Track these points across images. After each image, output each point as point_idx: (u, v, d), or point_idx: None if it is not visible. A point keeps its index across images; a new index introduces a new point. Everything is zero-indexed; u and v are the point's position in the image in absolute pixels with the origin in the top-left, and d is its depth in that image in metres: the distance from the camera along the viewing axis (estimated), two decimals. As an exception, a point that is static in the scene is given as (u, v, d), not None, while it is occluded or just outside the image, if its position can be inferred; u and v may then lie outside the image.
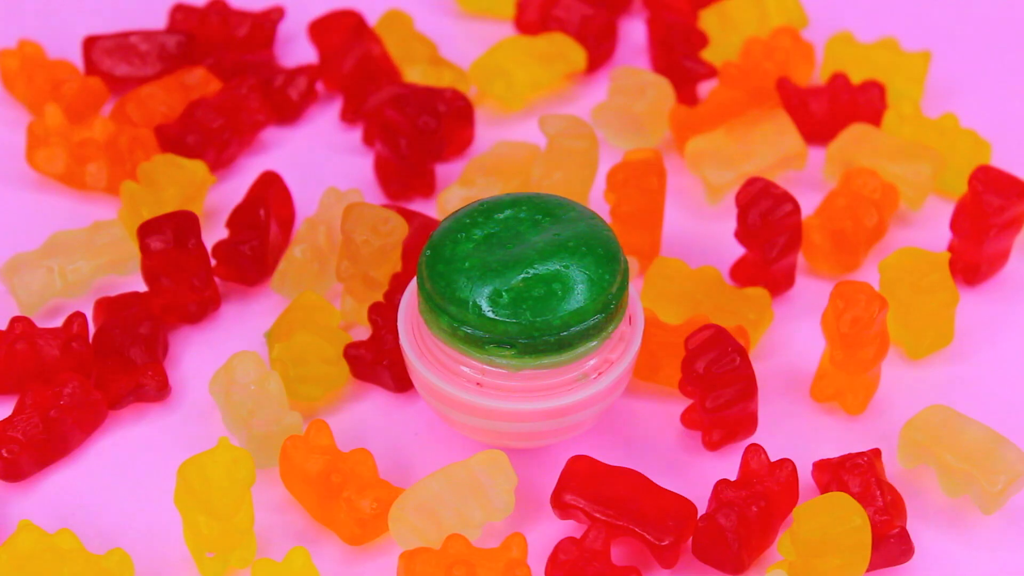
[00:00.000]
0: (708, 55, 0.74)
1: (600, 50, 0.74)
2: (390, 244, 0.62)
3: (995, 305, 0.66)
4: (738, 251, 0.66)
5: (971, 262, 0.65)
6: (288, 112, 0.72)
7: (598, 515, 0.55)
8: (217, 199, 0.69)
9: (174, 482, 0.54)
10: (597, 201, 0.67)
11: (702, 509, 0.57)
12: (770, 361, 0.63)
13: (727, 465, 0.59)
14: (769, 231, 0.63)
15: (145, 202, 0.65)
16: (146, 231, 0.62)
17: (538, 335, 0.55)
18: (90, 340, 0.62)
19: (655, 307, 0.63)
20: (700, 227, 0.68)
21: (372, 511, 0.56)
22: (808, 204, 0.67)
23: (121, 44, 0.72)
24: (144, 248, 0.62)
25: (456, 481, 0.56)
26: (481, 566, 0.54)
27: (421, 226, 0.64)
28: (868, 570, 0.55)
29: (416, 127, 0.68)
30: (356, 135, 0.71)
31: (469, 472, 0.56)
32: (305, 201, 0.68)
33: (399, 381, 0.61)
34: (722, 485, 0.56)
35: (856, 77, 0.72)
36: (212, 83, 0.71)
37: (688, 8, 0.76)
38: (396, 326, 0.58)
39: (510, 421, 0.56)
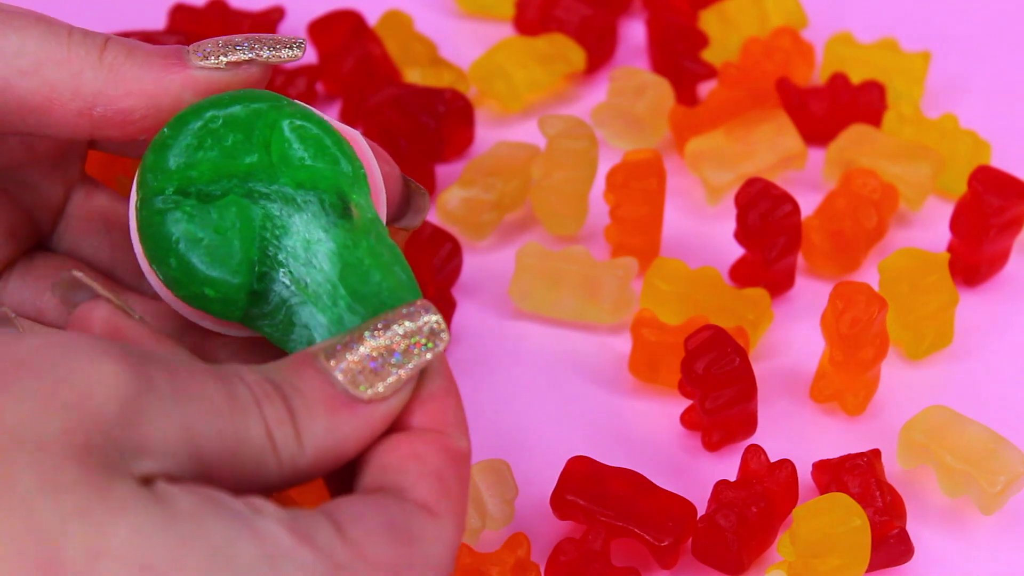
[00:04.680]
0: (708, 55, 0.74)
1: (600, 50, 0.74)
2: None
3: (995, 305, 0.66)
4: (738, 251, 0.66)
5: (971, 262, 0.65)
6: (288, 112, 0.72)
7: (598, 516, 0.55)
8: (217, 199, 0.69)
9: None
10: (597, 201, 0.67)
11: (702, 510, 0.57)
12: (770, 362, 0.63)
13: (727, 466, 0.59)
14: (769, 231, 0.63)
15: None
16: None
17: None
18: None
19: (655, 307, 0.63)
20: (700, 227, 0.68)
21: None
22: (808, 204, 0.67)
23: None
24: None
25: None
26: (491, 571, 0.54)
27: (430, 237, 0.64)
28: (868, 570, 0.55)
29: (416, 127, 0.68)
30: (356, 135, 0.72)
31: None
32: (305, 202, 0.68)
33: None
34: (722, 486, 0.56)
35: (856, 77, 0.72)
36: (212, 83, 0.71)
37: (688, 8, 0.76)
38: None
39: None
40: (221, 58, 0.49)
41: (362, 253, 0.48)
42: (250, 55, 0.49)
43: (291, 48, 0.50)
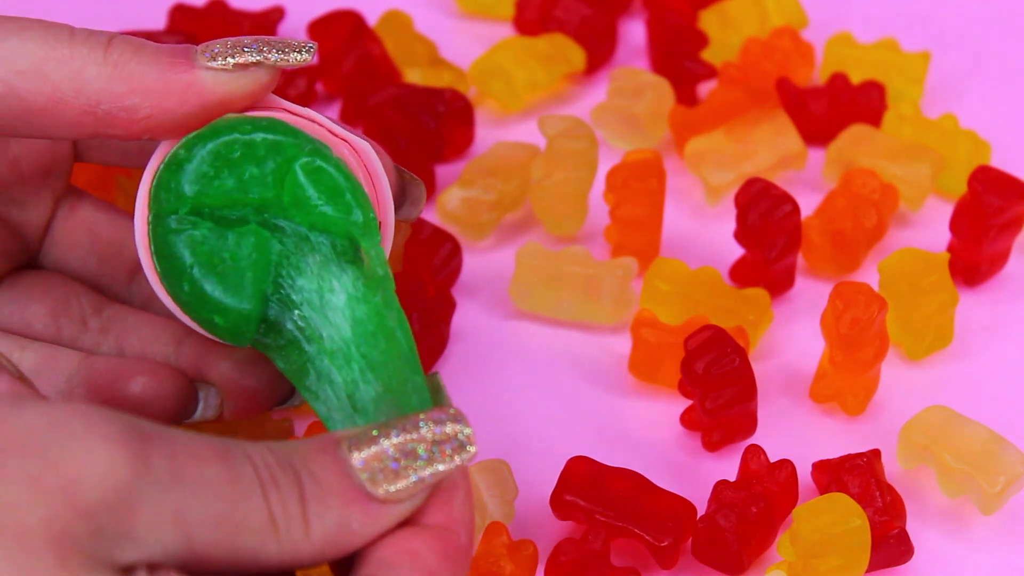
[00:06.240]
0: (708, 55, 0.74)
1: (600, 50, 0.74)
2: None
3: (995, 305, 0.66)
4: (738, 251, 0.66)
5: (971, 262, 0.65)
6: (288, 113, 0.72)
7: (598, 516, 0.55)
8: (217, 200, 0.69)
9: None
10: (597, 201, 0.67)
11: (702, 510, 0.57)
12: (770, 362, 0.63)
13: (727, 466, 0.59)
14: (768, 232, 0.63)
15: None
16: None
17: None
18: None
19: (655, 307, 0.63)
20: (700, 228, 0.68)
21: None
22: (808, 204, 0.67)
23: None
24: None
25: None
26: (499, 569, 0.54)
27: (430, 237, 0.64)
28: (868, 570, 0.55)
29: (416, 127, 0.68)
30: (356, 135, 0.71)
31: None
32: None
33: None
34: (721, 486, 0.56)
35: (856, 77, 0.72)
36: (212, 83, 0.71)
37: (688, 8, 0.76)
38: None
39: None
40: (229, 59, 0.49)
41: (370, 310, 0.48)
42: (258, 58, 0.49)
43: (300, 52, 0.49)
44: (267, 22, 0.74)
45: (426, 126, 0.68)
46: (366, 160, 0.51)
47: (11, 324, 0.53)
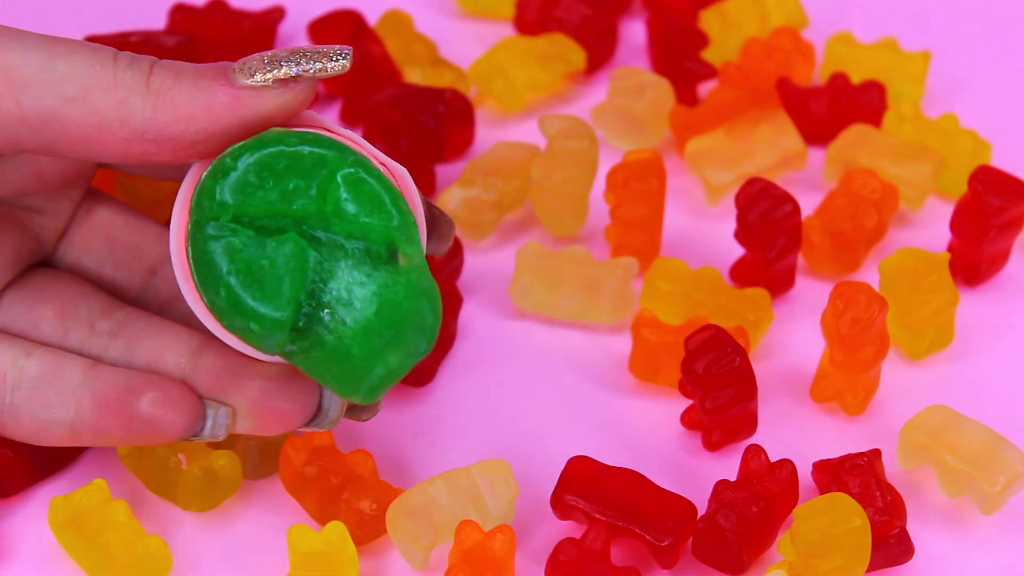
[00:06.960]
0: (708, 55, 0.74)
1: (600, 50, 0.74)
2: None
3: (995, 305, 0.66)
4: (738, 251, 0.66)
5: (971, 262, 0.65)
6: (288, 112, 0.72)
7: (598, 516, 0.56)
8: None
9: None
10: (597, 201, 0.67)
11: (702, 509, 0.57)
12: (770, 361, 0.63)
13: (727, 465, 0.59)
14: (769, 231, 0.63)
15: (141, 201, 0.65)
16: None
17: None
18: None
19: (655, 307, 0.63)
20: (700, 227, 0.68)
21: (372, 512, 0.56)
22: (808, 204, 0.67)
23: (121, 44, 0.72)
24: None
25: (456, 487, 0.56)
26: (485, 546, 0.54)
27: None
28: (868, 570, 0.55)
29: (416, 127, 0.68)
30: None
31: (470, 479, 0.56)
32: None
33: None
34: (722, 486, 0.56)
35: (856, 77, 0.72)
36: (212, 83, 0.71)
37: (688, 8, 0.76)
38: None
39: None
40: (268, 75, 0.49)
41: (399, 288, 0.48)
42: (296, 71, 0.49)
43: (336, 60, 0.49)
44: (267, 22, 0.74)
45: (426, 126, 0.68)
46: (403, 186, 0.51)
47: (19, 324, 0.53)
